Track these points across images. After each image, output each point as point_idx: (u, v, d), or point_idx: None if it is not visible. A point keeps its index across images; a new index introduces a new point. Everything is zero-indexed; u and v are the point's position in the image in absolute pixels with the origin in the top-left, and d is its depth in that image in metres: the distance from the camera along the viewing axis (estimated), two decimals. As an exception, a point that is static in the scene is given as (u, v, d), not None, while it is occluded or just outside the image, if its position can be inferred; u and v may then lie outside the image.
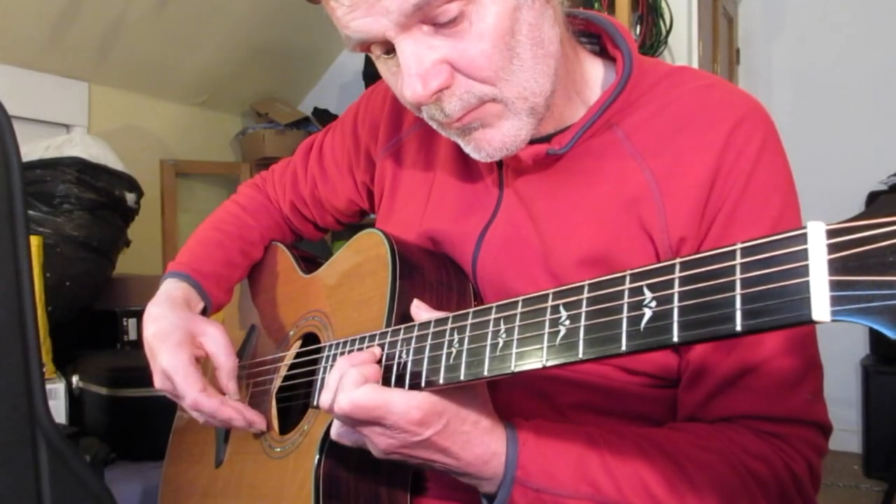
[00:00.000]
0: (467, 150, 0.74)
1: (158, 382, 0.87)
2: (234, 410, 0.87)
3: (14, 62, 2.47)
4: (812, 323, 0.40)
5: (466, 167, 0.85)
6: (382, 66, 0.72)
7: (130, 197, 2.16)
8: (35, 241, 1.67)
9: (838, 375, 3.09)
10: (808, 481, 0.70)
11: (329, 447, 0.76)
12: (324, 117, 3.40)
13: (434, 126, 0.74)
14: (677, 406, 0.75)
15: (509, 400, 0.77)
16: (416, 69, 0.65)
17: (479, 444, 0.65)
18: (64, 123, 2.68)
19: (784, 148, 0.75)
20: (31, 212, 1.93)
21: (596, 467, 0.65)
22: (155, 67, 2.93)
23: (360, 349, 0.75)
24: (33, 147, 2.08)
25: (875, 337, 3.03)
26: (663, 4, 2.50)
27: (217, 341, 0.89)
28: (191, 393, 0.85)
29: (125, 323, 2.08)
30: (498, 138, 0.71)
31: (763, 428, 0.70)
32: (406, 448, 0.64)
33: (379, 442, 0.64)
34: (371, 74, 3.25)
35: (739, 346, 0.69)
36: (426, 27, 0.65)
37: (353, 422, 0.65)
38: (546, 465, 0.65)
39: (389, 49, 0.68)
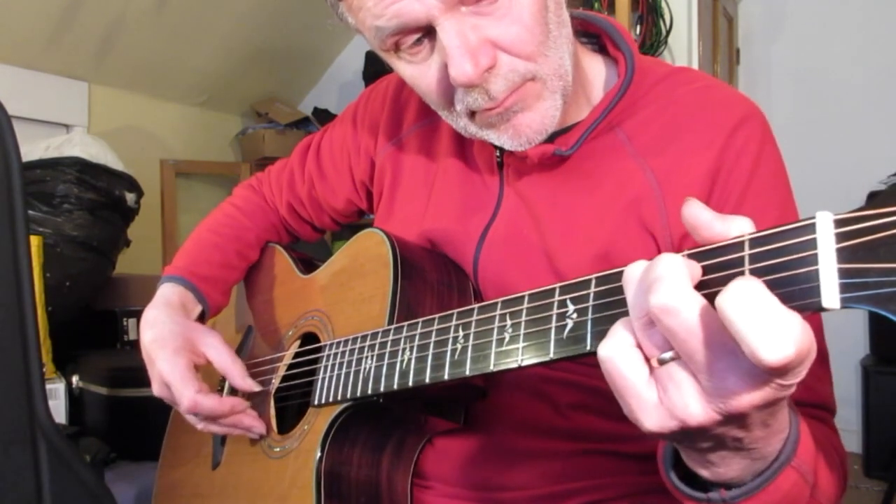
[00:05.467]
0: (501, 140, 0.73)
1: (156, 389, 0.87)
2: (235, 401, 0.86)
3: (14, 62, 2.47)
4: (822, 310, 0.40)
5: (467, 167, 0.85)
6: (404, 62, 0.71)
7: (130, 197, 2.16)
8: (35, 241, 1.67)
9: (838, 375, 3.03)
10: (845, 456, 0.72)
11: (331, 446, 0.76)
12: (324, 117, 3.40)
13: (461, 124, 0.73)
14: None
15: (510, 400, 0.78)
16: (464, 48, 0.65)
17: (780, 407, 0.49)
18: (64, 123, 2.69)
19: (779, 148, 0.76)
20: (31, 212, 1.93)
21: (817, 454, 0.57)
22: (155, 67, 2.94)
23: (361, 347, 0.75)
24: (33, 147, 2.08)
25: (875, 337, 3.03)
26: (663, 4, 2.51)
27: (218, 349, 0.89)
28: (187, 394, 0.84)
29: (125, 323, 2.08)
30: (538, 120, 0.71)
31: (808, 413, 0.71)
32: (766, 410, 0.45)
33: (754, 398, 0.42)
34: (371, 75, 3.25)
35: None
36: (465, 8, 0.66)
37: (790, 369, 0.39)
38: (813, 448, 0.55)
39: (422, 37, 0.68)
